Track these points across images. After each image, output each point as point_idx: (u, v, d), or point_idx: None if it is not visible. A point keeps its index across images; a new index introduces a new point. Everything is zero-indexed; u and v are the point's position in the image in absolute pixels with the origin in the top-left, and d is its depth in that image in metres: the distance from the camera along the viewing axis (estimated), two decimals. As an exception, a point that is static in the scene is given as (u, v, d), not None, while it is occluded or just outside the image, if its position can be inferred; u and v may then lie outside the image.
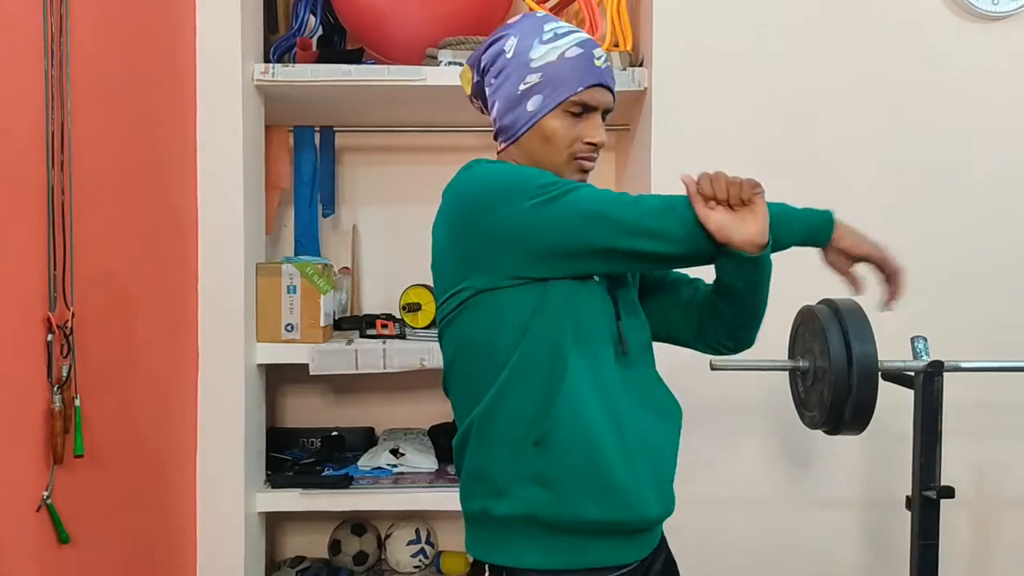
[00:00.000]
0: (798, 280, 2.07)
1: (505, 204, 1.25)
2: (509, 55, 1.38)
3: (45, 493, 1.40)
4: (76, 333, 1.45)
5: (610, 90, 1.38)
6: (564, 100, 1.34)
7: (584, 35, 1.39)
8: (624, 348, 1.31)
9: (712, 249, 1.27)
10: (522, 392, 1.27)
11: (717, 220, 1.24)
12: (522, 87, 1.36)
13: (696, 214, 1.24)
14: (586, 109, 1.35)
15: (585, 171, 1.38)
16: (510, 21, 1.42)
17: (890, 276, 1.38)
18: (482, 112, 1.48)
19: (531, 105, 1.35)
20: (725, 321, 1.41)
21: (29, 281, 1.37)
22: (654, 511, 1.30)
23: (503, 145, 1.41)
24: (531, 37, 1.37)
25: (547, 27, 1.38)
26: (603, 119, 1.39)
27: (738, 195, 1.26)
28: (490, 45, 1.42)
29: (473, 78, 1.46)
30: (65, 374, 1.43)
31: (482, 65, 1.43)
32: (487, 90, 1.42)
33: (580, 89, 1.34)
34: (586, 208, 1.24)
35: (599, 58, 1.36)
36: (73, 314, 1.45)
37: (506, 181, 1.28)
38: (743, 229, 1.25)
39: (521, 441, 1.26)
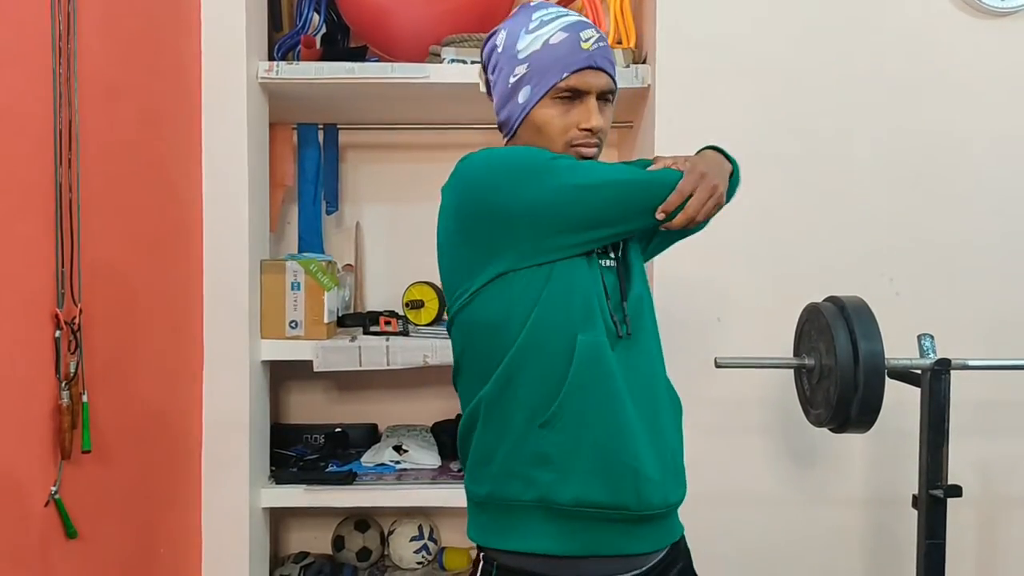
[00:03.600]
0: (802, 277, 2.08)
1: (525, 182, 1.25)
2: (500, 49, 1.37)
3: (53, 488, 1.40)
4: (83, 329, 1.46)
5: (605, 71, 1.33)
6: (551, 88, 1.31)
7: (572, 18, 1.35)
8: (628, 330, 1.31)
9: None
10: (529, 374, 1.27)
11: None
12: (512, 80, 1.35)
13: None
14: (577, 94, 1.31)
15: (584, 159, 1.33)
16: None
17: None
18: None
19: (521, 97, 1.34)
20: None
21: (37, 278, 1.38)
22: (659, 496, 1.28)
23: (505, 140, 1.40)
24: (518, 28, 1.36)
25: (535, 15, 1.36)
26: (606, 102, 1.35)
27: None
28: (487, 41, 1.42)
29: (484, 77, 1.45)
30: (73, 370, 1.43)
31: (484, 63, 1.43)
32: (490, 87, 1.42)
33: (566, 75, 1.31)
34: (613, 177, 1.29)
35: (587, 40, 1.32)
36: (81, 310, 1.45)
37: (516, 161, 1.28)
38: None
39: (528, 423, 1.26)
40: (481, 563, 1.31)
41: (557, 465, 1.25)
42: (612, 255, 1.36)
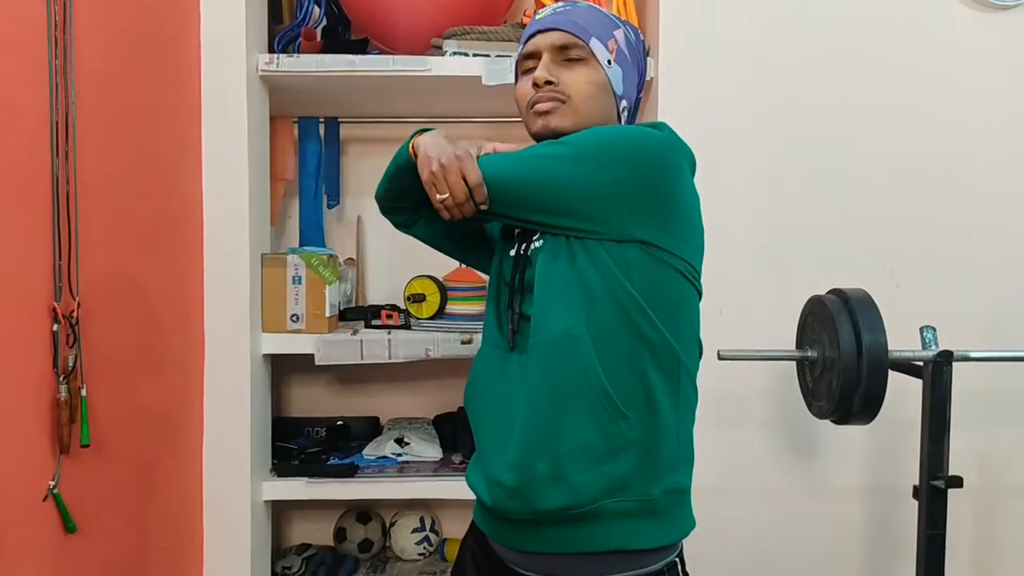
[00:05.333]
0: (803, 270, 2.08)
1: None
2: None
3: (52, 483, 1.40)
4: (82, 323, 1.45)
5: (557, 28, 1.34)
6: (517, 66, 1.42)
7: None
8: (511, 343, 1.34)
9: None
10: None
11: None
12: None
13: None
14: (531, 59, 1.38)
15: (541, 115, 1.34)
16: None
17: None
18: None
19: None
20: None
21: (34, 271, 1.37)
22: (513, 502, 1.29)
23: None
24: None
25: None
26: (575, 61, 1.34)
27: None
28: None
29: None
30: (71, 364, 1.43)
31: None
32: None
33: (520, 48, 1.39)
34: None
35: (541, 14, 1.38)
36: (79, 304, 1.45)
37: None
38: None
39: None
40: None
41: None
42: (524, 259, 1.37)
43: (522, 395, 1.28)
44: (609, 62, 1.35)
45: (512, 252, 1.38)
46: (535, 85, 1.34)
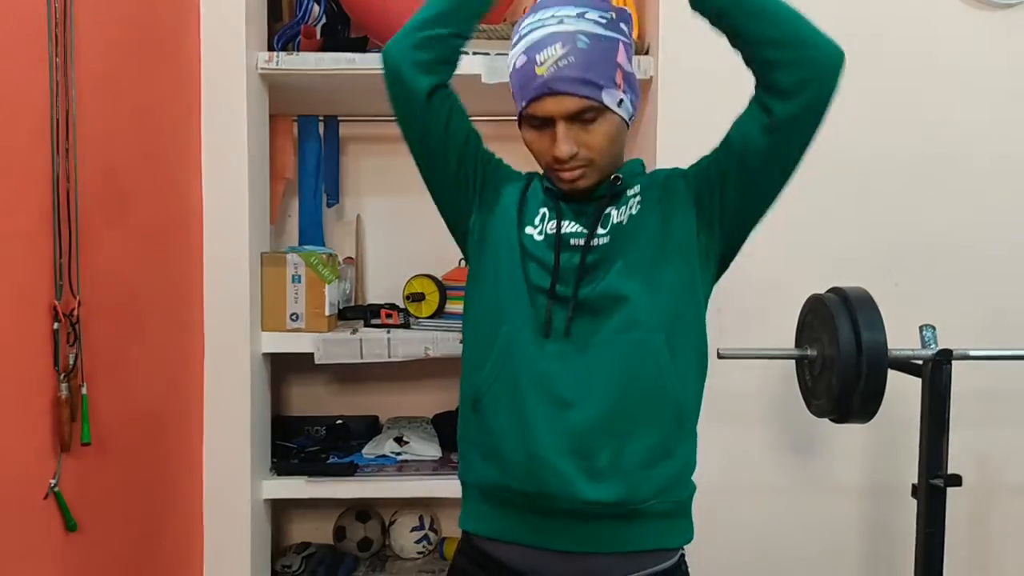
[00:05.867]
0: (802, 269, 2.08)
1: None
2: None
3: (52, 481, 1.40)
4: (82, 321, 1.45)
5: (570, 93, 1.24)
6: (521, 114, 1.33)
7: (539, 34, 1.27)
8: (566, 329, 1.28)
9: None
10: (469, 363, 1.37)
11: None
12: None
13: None
14: (543, 122, 1.29)
15: (567, 181, 1.31)
16: None
17: None
18: None
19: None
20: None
21: (35, 270, 1.37)
22: (559, 485, 1.25)
23: None
24: (515, 35, 1.35)
25: (521, 26, 1.33)
26: (589, 121, 1.27)
27: None
28: None
29: None
30: (72, 362, 1.42)
31: None
32: None
33: (524, 104, 1.30)
34: None
35: (541, 64, 1.25)
36: (79, 302, 1.44)
37: None
38: None
39: (469, 407, 1.35)
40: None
41: (480, 448, 1.33)
42: (582, 237, 1.33)
43: (584, 383, 1.27)
44: (620, 102, 1.28)
45: (536, 232, 1.35)
46: (558, 160, 1.28)
